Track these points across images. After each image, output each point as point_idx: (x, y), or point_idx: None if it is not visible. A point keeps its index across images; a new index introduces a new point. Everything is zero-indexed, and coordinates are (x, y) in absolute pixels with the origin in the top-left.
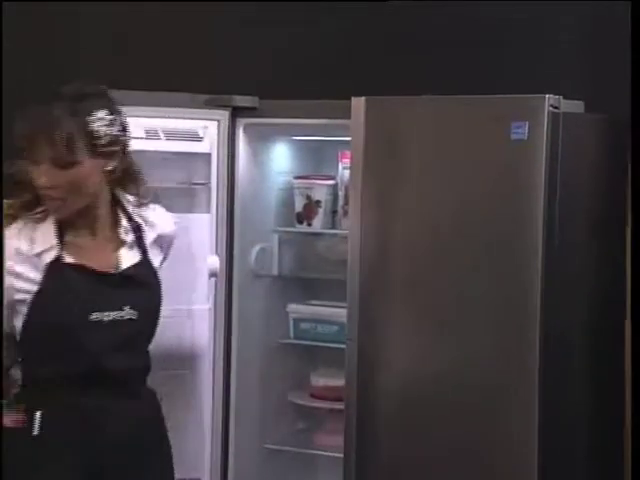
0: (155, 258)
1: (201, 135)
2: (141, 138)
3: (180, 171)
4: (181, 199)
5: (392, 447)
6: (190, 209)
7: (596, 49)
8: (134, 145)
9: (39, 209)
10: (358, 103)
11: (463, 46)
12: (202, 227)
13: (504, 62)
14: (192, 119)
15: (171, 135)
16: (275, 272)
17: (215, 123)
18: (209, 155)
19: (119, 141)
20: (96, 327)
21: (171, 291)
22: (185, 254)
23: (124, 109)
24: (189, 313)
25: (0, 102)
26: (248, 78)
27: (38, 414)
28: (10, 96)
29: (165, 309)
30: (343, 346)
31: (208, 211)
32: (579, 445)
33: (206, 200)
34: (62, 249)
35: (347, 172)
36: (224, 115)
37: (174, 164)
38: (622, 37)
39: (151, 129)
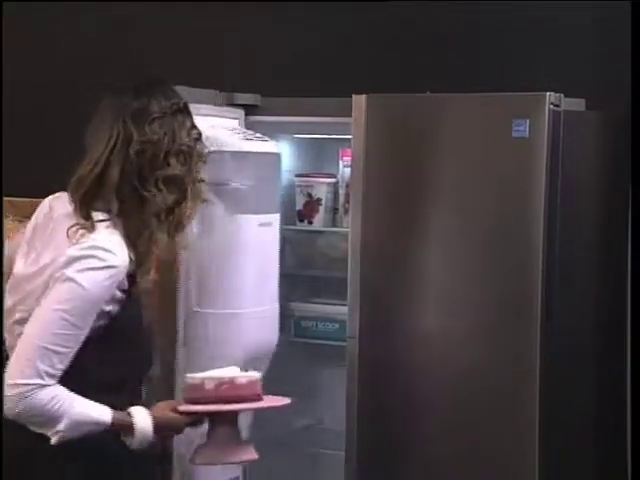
0: None
1: None
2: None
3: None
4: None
5: (394, 444)
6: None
7: (597, 47)
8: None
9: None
10: (359, 101)
11: (464, 44)
12: (277, 227)
13: (505, 60)
14: (214, 117)
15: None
16: None
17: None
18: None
19: None
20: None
21: (264, 291)
22: (271, 254)
23: None
24: (272, 313)
25: (0, 102)
26: (250, 76)
27: None
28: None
29: (258, 310)
30: (344, 344)
31: (277, 211)
32: (581, 444)
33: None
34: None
35: (348, 170)
36: (240, 113)
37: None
38: (623, 35)
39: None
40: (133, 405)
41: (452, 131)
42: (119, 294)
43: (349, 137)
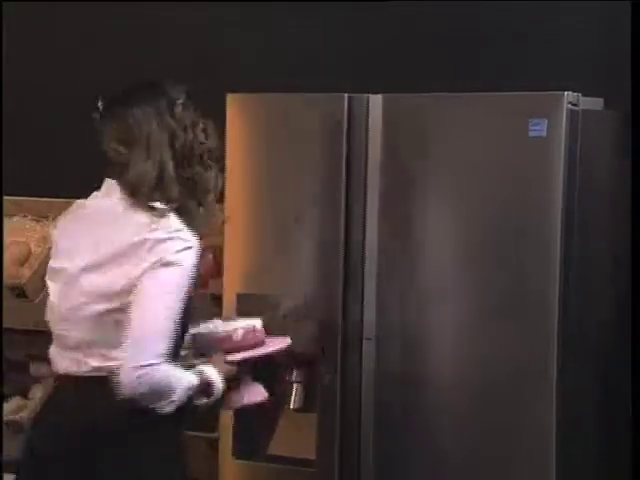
0: None
1: None
2: None
3: None
4: None
5: (396, 444)
6: None
7: (615, 46)
8: None
9: None
10: (376, 100)
11: (481, 43)
12: None
13: (522, 59)
14: None
15: None
16: None
17: None
18: None
19: None
20: None
21: None
22: None
23: None
24: None
25: (0, 103)
26: (250, 76)
27: None
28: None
29: None
30: None
31: None
32: (595, 443)
33: None
34: None
35: None
36: None
37: None
38: None
39: None
40: None
41: (469, 131)
42: None
43: None
